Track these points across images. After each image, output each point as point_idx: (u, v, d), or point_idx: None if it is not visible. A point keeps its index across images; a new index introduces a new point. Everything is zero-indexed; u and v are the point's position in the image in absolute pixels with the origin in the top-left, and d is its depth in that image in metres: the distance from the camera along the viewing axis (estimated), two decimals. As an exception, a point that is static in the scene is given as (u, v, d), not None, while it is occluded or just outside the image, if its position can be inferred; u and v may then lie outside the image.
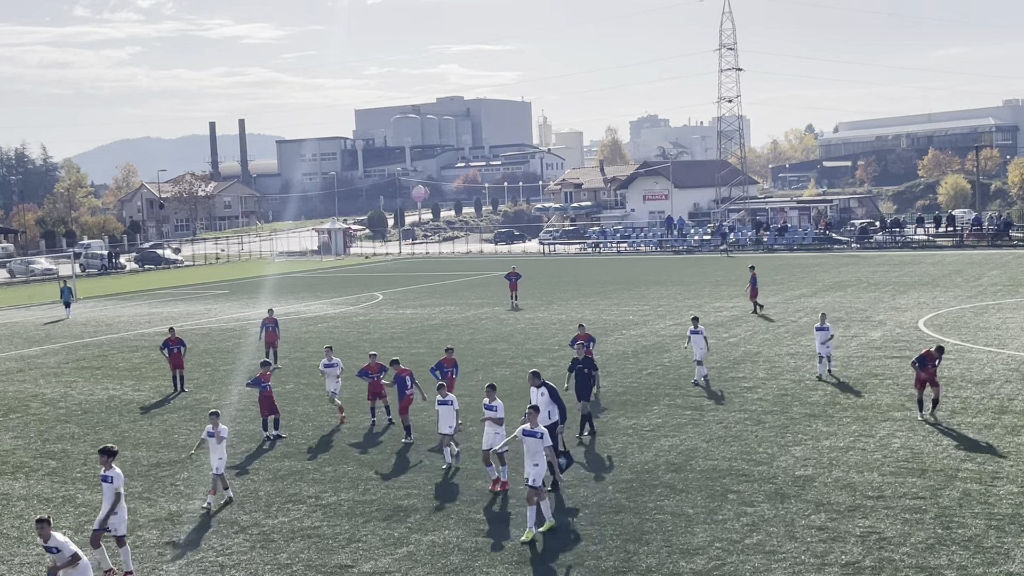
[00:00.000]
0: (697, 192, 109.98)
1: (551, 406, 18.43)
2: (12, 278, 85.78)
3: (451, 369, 23.88)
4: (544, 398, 18.40)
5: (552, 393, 18.49)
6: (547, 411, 18.20)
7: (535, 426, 16.02)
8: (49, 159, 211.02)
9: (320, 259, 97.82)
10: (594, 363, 21.95)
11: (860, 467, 18.74)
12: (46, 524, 13.09)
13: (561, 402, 18.66)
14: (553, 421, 18.32)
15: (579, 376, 21.61)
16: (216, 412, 18.41)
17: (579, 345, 25.70)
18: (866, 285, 49.80)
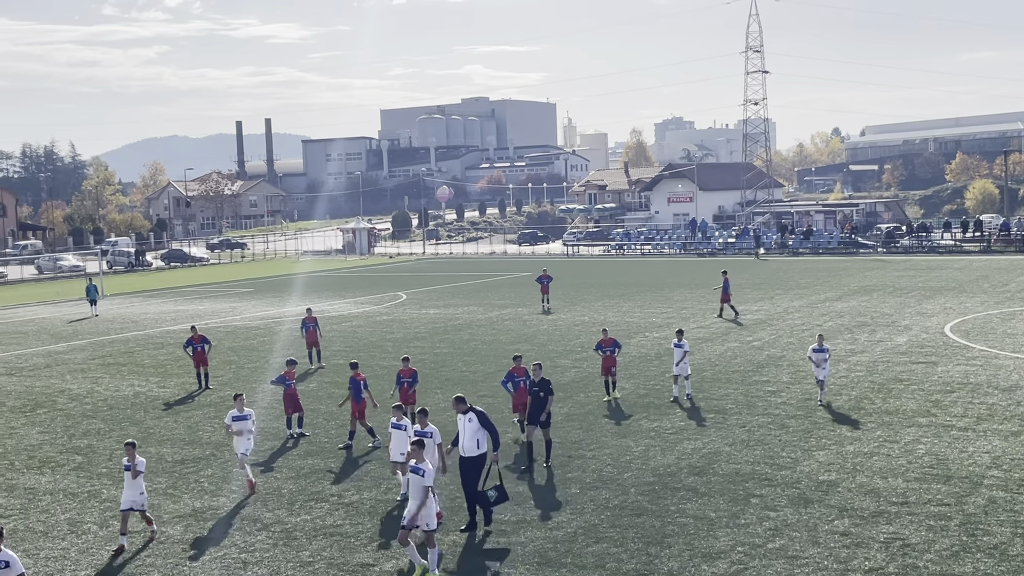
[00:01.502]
0: (722, 195, 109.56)
1: (481, 433, 16.58)
2: (40, 274, 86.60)
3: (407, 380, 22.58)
4: (473, 424, 16.55)
5: (482, 419, 16.59)
6: (476, 439, 16.53)
7: (420, 461, 14.49)
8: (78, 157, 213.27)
9: (345, 258, 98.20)
10: (550, 386, 20.03)
11: (884, 473, 18.62)
12: None
13: (493, 428, 16.65)
14: (482, 452, 16.60)
15: (533, 400, 19.92)
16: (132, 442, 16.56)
17: (604, 351, 25.70)
18: (892, 290, 49.46)
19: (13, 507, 18.56)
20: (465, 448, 16.59)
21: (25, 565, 15.56)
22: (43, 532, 17.15)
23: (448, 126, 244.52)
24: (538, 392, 19.84)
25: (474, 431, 16.52)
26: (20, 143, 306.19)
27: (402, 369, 22.78)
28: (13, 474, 20.84)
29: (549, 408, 19.80)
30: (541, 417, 19.71)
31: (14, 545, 16.41)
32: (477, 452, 16.57)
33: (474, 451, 16.56)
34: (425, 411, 16.92)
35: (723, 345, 33.58)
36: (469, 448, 16.56)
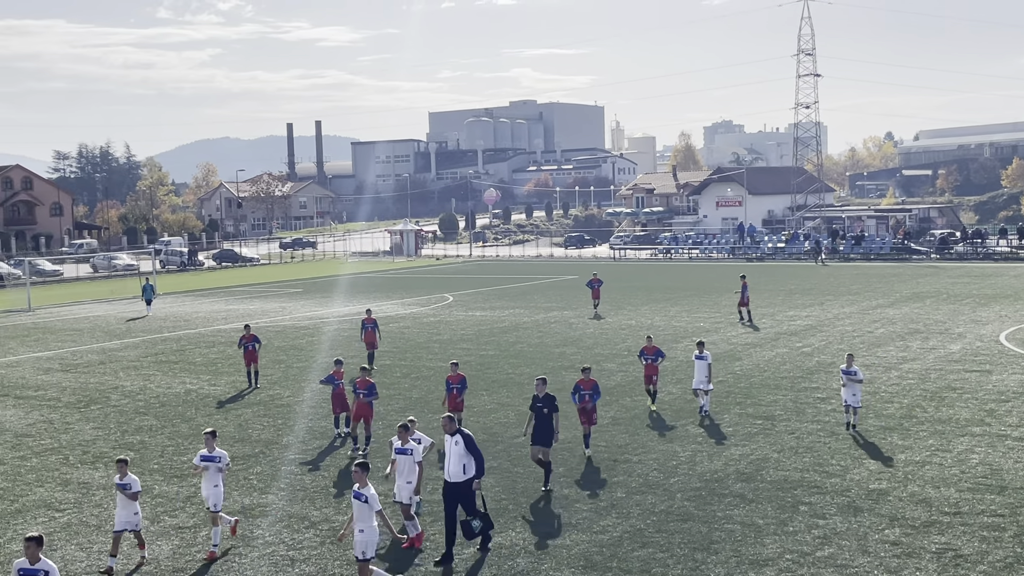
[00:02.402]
0: (772, 199, 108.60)
1: (466, 458, 15.50)
2: (95, 273, 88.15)
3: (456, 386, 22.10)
4: (459, 448, 15.49)
5: (468, 443, 15.54)
6: (462, 464, 15.45)
7: (363, 486, 13.77)
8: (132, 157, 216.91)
9: (392, 260, 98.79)
10: (555, 403, 18.75)
11: (936, 482, 18.33)
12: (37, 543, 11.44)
13: (479, 453, 15.60)
14: (468, 477, 15.50)
15: (538, 417, 18.71)
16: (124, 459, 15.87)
17: (646, 359, 25.17)
18: (945, 297, 48.69)
19: (67, 501, 18.91)
20: (450, 473, 15.51)
21: (78, 558, 15.87)
22: (96, 526, 17.45)
23: (496, 129, 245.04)
24: (542, 409, 18.68)
25: (460, 455, 15.44)
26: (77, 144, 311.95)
27: (451, 375, 22.29)
28: (68, 468, 21.24)
29: (557, 427, 18.70)
30: (553, 440, 18.70)
31: (67, 539, 16.74)
32: (463, 478, 15.46)
33: (460, 476, 15.47)
34: (407, 426, 16.15)
35: (772, 351, 33.29)
36: (455, 473, 15.47)
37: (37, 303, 58.37)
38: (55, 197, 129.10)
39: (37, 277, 76.24)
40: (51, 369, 34.32)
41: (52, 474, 20.82)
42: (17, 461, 21.97)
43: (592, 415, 20.61)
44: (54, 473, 20.89)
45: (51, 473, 20.90)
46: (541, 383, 19.05)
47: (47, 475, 20.75)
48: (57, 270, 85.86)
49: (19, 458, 22.21)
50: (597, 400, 20.72)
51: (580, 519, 17.00)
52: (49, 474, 20.83)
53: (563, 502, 17.92)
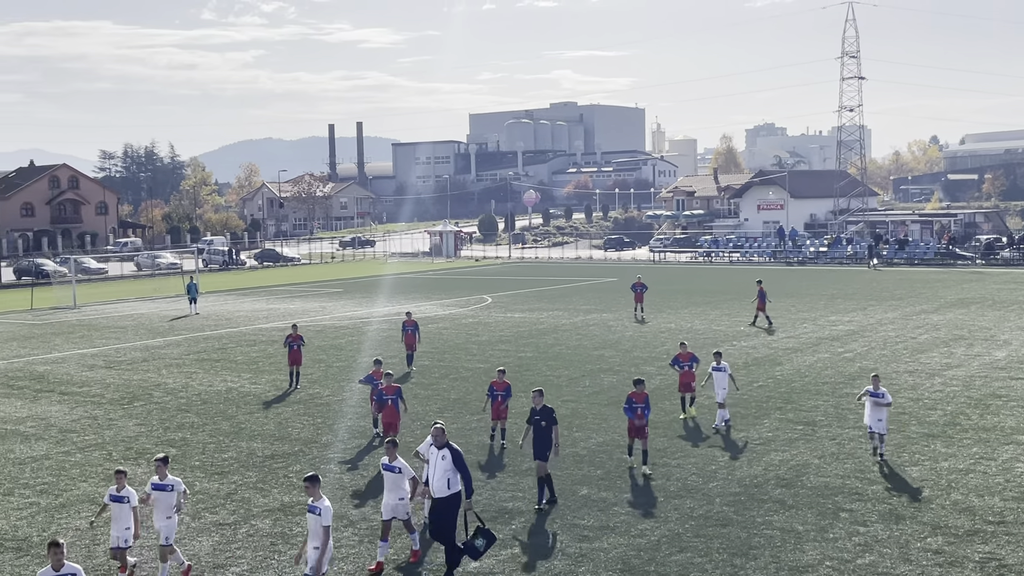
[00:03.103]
0: (814, 203, 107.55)
1: (452, 474, 14.82)
2: (139, 271, 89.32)
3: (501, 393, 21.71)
4: (445, 462, 14.80)
5: (456, 458, 14.85)
6: (446, 479, 14.78)
7: (317, 499, 13.39)
8: (176, 157, 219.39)
9: (431, 261, 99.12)
10: (553, 415, 18.10)
11: (980, 491, 18.06)
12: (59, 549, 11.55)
13: (466, 470, 14.91)
14: (453, 492, 14.85)
15: (536, 431, 17.98)
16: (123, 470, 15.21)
17: (681, 366, 24.39)
18: (991, 303, 47.96)
19: (111, 496, 19.15)
20: (435, 488, 14.89)
21: (121, 552, 16.06)
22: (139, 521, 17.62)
23: (536, 131, 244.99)
24: (540, 421, 17.91)
25: (445, 470, 14.82)
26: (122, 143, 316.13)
27: (496, 381, 21.87)
28: (111, 464, 21.52)
29: (557, 440, 18.03)
30: (553, 453, 17.99)
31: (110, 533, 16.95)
32: (447, 492, 14.83)
33: (444, 491, 14.82)
34: (395, 442, 15.53)
35: (813, 356, 32.98)
36: (439, 488, 14.83)
37: (82, 300, 59.25)
38: (101, 196, 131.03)
39: (82, 275, 77.40)
40: (95, 366, 34.82)
41: (95, 469, 21.12)
42: (61, 456, 22.32)
43: (645, 430, 19.76)
44: (97, 468, 21.19)
45: (94, 468, 21.20)
46: (538, 395, 18.34)
47: (91, 470, 21.06)
48: (102, 268, 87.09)
49: (63, 453, 22.57)
50: (649, 415, 19.92)
51: (618, 522, 16.94)
52: (92, 469, 21.14)
53: (600, 505, 17.88)
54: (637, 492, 18.61)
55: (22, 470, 21.22)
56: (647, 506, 17.76)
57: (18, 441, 23.84)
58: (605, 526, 16.77)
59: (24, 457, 22.30)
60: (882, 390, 20.25)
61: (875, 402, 20.09)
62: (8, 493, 19.55)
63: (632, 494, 18.49)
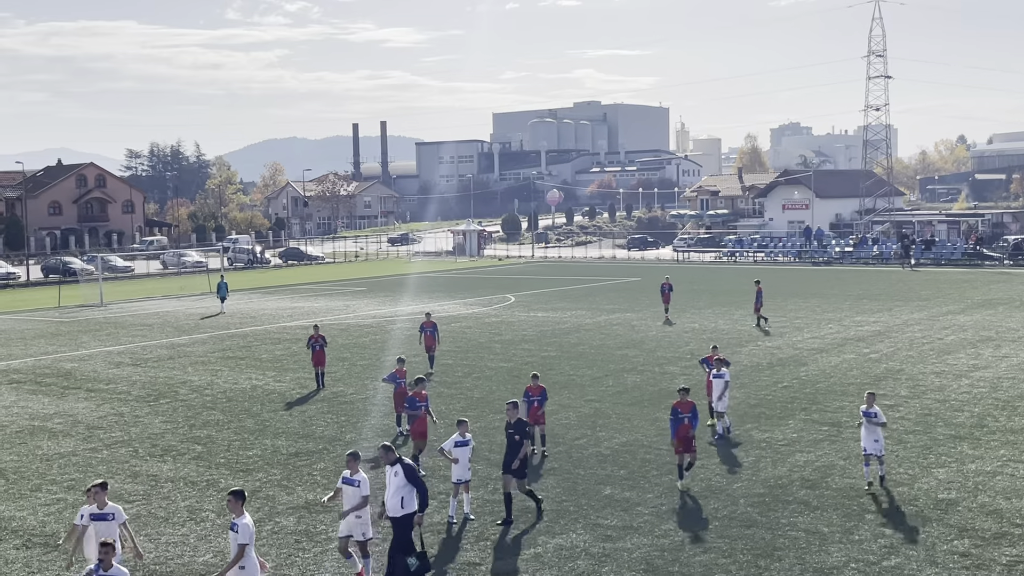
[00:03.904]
0: (839, 202, 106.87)
1: (406, 490, 14.25)
2: (165, 269, 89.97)
3: (537, 398, 21.10)
4: (398, 479, 14.28)
5: (408, 473, 14.33)
6: (400, 496, 14.21)
7: (238, 515, 12.80)
8: (202, 156, 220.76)
9: (455, 260, 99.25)
10: (526, 428, 17.47)
11: (1008, 493, 17.89)
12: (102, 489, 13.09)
13: (421, 485, 14.36)
14: (408, 512, 14.26)
15: (509, 444, 17.17)
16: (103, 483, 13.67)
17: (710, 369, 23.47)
18: (1019, 304, 47.48)
19: (136, 493, 19.32)
20: (388, 506, 14.33)
21: (146, 550, 16.18)
22: (164, 518, 17.79)
23: (559, 130, 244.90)
24: (513, 435, 17.14)
25: (399, 487, 14.25)
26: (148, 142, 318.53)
27: (531, 386, 21.27)
28: (137, 461, 21.70)
29: (524, 454, 17.08)
30: (514, 464, 17.03)
31: (136, 530, 17.08)
32: (401, 512, 14.22)
33: (397, 510, 14.23)
34: (357, 455, 14.76)
35: (839, 356, 32.78)
36: (392, 507, 14.26)
37: (109, 298, 59.73)
38: (127, 195, 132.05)
39: (109, 273, 77.99)
40: (122, 363, 35.10)
41: (122, 466, 21.29)
42: (88, 453, 22.51)
43: (693, 443, 18.67)
44: (124, 465, 21.36)
45: (121, 465, 21.37)
46: (512, 407, 17.49)
47: (117, 467, 21.23)
48: (128, 266, 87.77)
49: (90, 450, 22.76)
50: (697, 426, 18.96)
51: (641, 522, 16.90)
52: (119, 466, 21.31)
53: (624, 505, 17.84)
54: (661, 492, 18.55)
55: (49, 466, 21.43)
56: (671, 506, 17.70)
57: (45, 437, 24.07)
58: (629, 526, 16.74)
59: (51, 454, 22.51)
60: (875, 408, 18.48)
61: (869, 421, 18.34)
62: (36, 489, 19.74)
63: (656, 494, 18.44)
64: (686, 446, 18.50)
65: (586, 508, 17.73)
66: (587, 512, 17.51)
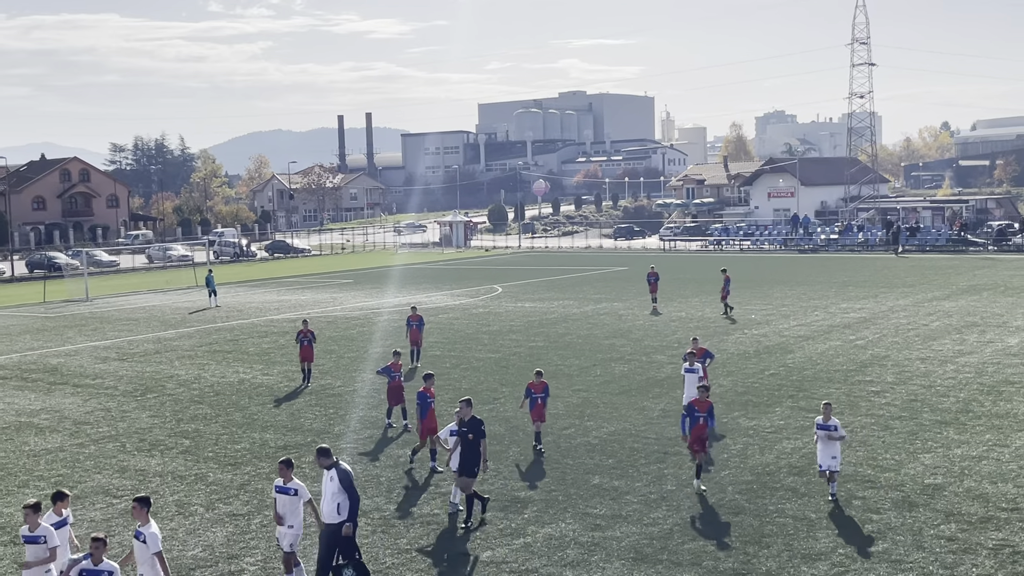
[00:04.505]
0: (825, 190, 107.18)
1: (341, 496, 13.71)
2: (150, 263, 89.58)
3: (540, 395, 20.80)
4: (333, 484, 13.72)
5: (344, 480, 13.75)
6: (336, 503, 13.69)
7: (144, 523, 12.58)
8: (186, 150, 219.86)
9: (441, 251, 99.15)
10: (482, 427, 16.77)
11: (994, 477, 18.02)
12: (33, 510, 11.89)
13: (353, 492, 13.79)
14: (343, 519, 13.72)
15: (464, 444, 16.62)
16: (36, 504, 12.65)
17: None
18: (1003, 289, 47.76)
19: (124, 488, 19.27)
20: (324, 513, 13.82)
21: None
22: (152, 513, 17.68)
23: (545, 120, 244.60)
24: (467, 434, 16.59)
25: (334, 492, 13.69)
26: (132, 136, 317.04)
27: (533, 383, 20.87)
28: (125, 456, 21.65)
29: (485, 455, 16.70)
30: (481, 468, 16.73)
31: (125, 525, 17.06)
32: (337, 518, 13.69)
33: (333, 517, 13.70)
34: (290, 462, 14.18)
35: (824, 343, 32.92)
36: (328, 513, 13.72)
37: (94, 293, 59.48)
38: (111, 189, 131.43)
39: (94, 267, 77.68)
40: (108, 358, 34.97)
41: (110, 461, 21.24)
42: (76, 448, 22.44)
43: (707, 442, 18.18)
44: (111, 460, 21.31)
45: (109, 460, 21.32)
46: (465, 405, 16.89)
47: (105, 462, 21.17)
48: (114, 261, 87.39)
49: (77, 445, 22.69)
50: (713, 425, 18.34)
51: (630, 511, 16.96)
52: (107, 461, 21.25)
53: (612, 494, 17.90)
54: (649, 481, 18.62)
55: (36, 462, 21.36)
56: (659, 495, 17.77)
57: (32, 433, 23.98)
58: (617, 515, 16.79)
59: (38, 449, 22.43)
60: (834, 421, 17.29)
61: (826, 436, 17.16)
62: (23, 485, 19.68)
63: (644, 483, 18.50)
64: (701, 445, 17.80)
65: (575, 497, 17.78)
66: (576, 501, 17.56)
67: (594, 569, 14.52)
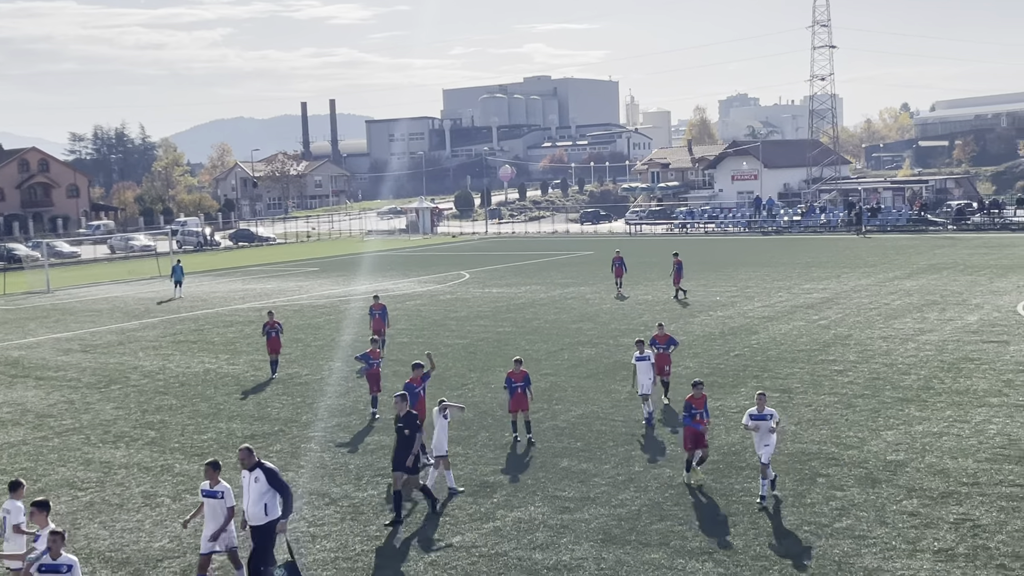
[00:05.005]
0: (787, 172, 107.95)
1: (270, 497, 13.30)
2: (112, 254, 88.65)
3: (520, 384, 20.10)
4: (259, 485, 13.29)
5: (271, 478, 13.33)
6: (263, 504, 13.26)
7: (215, 484, 13.11)
8: (147, 138, 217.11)
9: (408, 238, 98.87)
10: (417, 422, 16.28)
11: (954, 453, 18.33)
12: None
13: (285, 489, 13.41)
14: (271, 518, 13.33)
15: (399, 439, 16.12)
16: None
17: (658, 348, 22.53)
18: (963, 268, 48.42)
19: (90, 480, 19.12)
20: (250, 515, 13.36)
21: (101, 536, 16.06)
22: (119, 505, 17.64)
23: (510, 105, 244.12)
24: (403, 429, 16.09)
25: (261, 493, 13.27)
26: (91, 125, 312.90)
27: (513, 372, 20.19)
28: (89, 448, 21.47)
29: (416, 449, 16.11)
30: (408, 461, 16.04)
31: (90, 518, 16.95)
32: (265, 519, 13.29)
33: (260, 518, 13.29)
34: (217, 464, 13.58)
35: (788, 324, 33.23)
36: (255, 515, 13.31)
37: (56, 285, 58.77)
38: (71, 179, 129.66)
39: (55, 259, 76.72)
40: (71, 350, 34.60)
41: (74, 454, 21.05)
42: (39, 441, 22.21)
43: (704, 438, 17.44)
44: (76, 453, 21.12)
45: (73, 453, 21.13)
46: (400, 400, 16.49)
47: (69, 455, 20.99)
48: (75, 252, 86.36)
49: (40, 438, 22.46)
50: (707, 418, 17.59)
51: (598, 493, 17.08)
52: (71, 454, 21.06)
53: (581, 476, 18.01)
54: (617, 463, 18.74)
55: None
56: (627, 476, 17.90)
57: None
58: (586, 497, 16.90)
59: (1, 443, 22.18)
60: (768, 410, 16.64)
61: (758, 425, 16.51)
62: (-14, 479, 19.46)
63: (612, 465, 18.63)
64: (697, 441, 17.28)
65: (544, 481, 17.87)
66: (545, 484, 17.65)
67: (563, 551, 14.62)
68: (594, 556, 14.40)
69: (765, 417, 16.52)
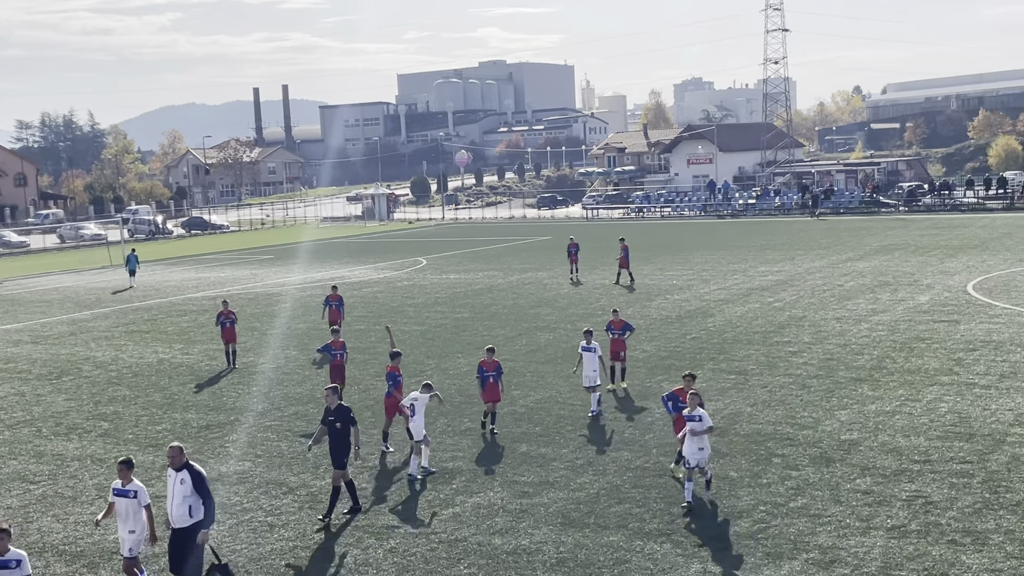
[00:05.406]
0: (742, 156, 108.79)
1: (194, 499, 12.86)
2: (62, 243, 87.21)
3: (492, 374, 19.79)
4: (185, 487, 12.83)
5: (197, 481, 12.87)
6: (187, 506, 12.84)
7: (128, 483, 12.78)
8: (96, 126, 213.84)
9: (364, 224, 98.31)
10: (351, 415, 15.70)
11: (906, 431, 18.60)
12: None
13: (208, 495, 12.94)
14: (196, 521, 12.88)
15: (331, 433, 15.59)
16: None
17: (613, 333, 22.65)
18: (914, 248, 49.13)
19: (42, 473, 18.83)
20: (174, 517, 12.93)
21: (54, 530, 15.83)
22: (72, 497, 17.39)
23: (465, 90, 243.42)
24: (335, 423, 15.57)
25: (185, 495, 12.83)
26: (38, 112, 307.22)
27: (485, 360, 19.82)
28: (41, 440, 21.13)
29: (357, 443, 15.69)
30: (351, 460, 15.77)
31: (43, 511, 16.69)
32: (189, 522, 12.88)
33: (184, 520, 12.87)
34: (130, 462, 13.09)
35: (744, 306, 33.52)
36: (179, 517, 12.89)
37: (4, 275, 57.71)
38: (18, 167, 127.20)
39: (3, 249, 75.37)
40: (21, 341, 34.01)
41: (25, 446, 20.71)
42: (-10, 435, 21.81)
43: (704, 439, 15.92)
44: (27, 445, 20.78)
45: (24, 446, 20.78)
46: (331, 392, 15.89)
47: (20, 448, 20.64)
48: (23, 241, 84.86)
49: (-8, 432, 22.05)
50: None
51: (557, 477, 17.12)
52: (22, 447, 20.72)
53: (540, 461, 18.04)
54: (575, 448, 18.81)
55: (-52, 451, 20.72)
56: (586, 460, 17.96)
57: (-57, 421, 23.24)
58: (545, 481, 16.94)
59: (-50, 437, 21.76)
60: (699, 411, 15.63)
61: (692, 428, 15.51)
62: (-66, 475, 19.08)
63: (570, 449, 18.68)
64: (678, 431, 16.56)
65: (502, 466, 17.88)
66: (503, 470, 17.67)
67: (522, 535, 14.64)
68: (553, 540, 14.44)
69: (693, 418, 15.49)
